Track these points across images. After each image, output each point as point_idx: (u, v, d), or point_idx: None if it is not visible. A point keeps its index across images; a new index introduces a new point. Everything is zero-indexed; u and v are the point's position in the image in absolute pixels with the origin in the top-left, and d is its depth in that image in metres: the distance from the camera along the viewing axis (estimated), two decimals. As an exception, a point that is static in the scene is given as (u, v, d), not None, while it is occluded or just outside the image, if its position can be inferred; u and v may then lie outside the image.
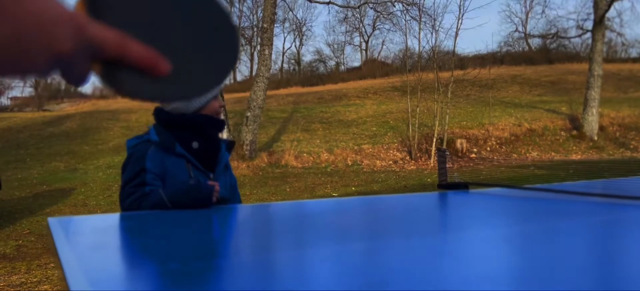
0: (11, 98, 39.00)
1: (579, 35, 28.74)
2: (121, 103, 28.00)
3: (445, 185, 2.03)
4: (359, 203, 1.82)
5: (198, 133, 1.74)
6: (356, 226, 1.40)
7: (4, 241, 5.72)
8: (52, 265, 4.63)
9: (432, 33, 21.31)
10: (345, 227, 1.33)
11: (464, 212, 1.61)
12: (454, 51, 15.46)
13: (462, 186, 1.98)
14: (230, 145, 1.94)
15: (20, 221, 7.17)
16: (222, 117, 1.94)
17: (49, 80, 40.56)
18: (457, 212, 1.64)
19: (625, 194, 1.56)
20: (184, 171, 1.69)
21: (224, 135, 11.11)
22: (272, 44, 12.88)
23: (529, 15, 35.19)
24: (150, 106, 21.38)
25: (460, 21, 15.08)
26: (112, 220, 1.29)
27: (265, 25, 12.85)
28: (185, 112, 1.77)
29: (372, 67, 35.82)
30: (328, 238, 1.13)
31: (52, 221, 1.19)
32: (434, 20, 15.30)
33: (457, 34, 13.58)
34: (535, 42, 34.62)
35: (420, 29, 14.75)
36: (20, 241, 5.74)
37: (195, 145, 1.72)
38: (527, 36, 35.13)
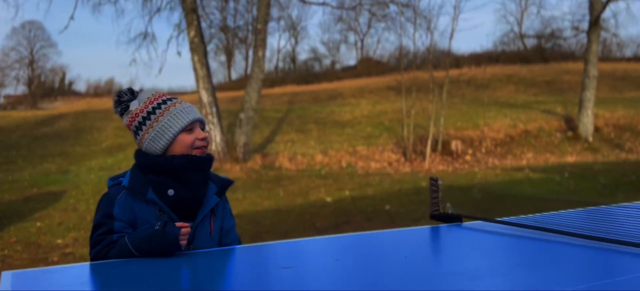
0: (4, 97, 38.69)
1: (575, 36, 28.72)
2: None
3: (438, 216, 1.94)
4: (351, 242, 1.73)
5: (174, 178, 1.50)
6: (348, 269, 1.31)
7: (-10, 251, 5.61)
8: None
9: (427, 34, 21.20)
10: (335, 273, 1.24)
11: (457, 252, 1.52)
12: (449, 52, 15.39)
13: (455, 218, 1.89)
14: (223, 186, 1.64)
15: (8, 227, 7.04)
16: (208, 151, 1.62)
17: (43, 78, 40.28)
18: (450, 253, 1.54)
19: (622, 232, 1.48)
20: (154, 221, 1.48)
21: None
22: (265, 45, 12.78)
23: (524, 14, 35.16)
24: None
25: (455, 22, 15.00)
26: (70, 273, 1.20)
27: (259, 26, 12.73)
28: (156, 153, 1.55)
29: (368, 66, 35.70)
30: (316, 284, 1.04)
31: (6, 277, 1.10)
32: (429, 21, 15.24)
33: (452, 35, 13.48)
34: (530, 42, 34.62)
35: (415, 30, 14.66)
36: (6, 251, 5.63)
37: (170, 192, 1.49)
38: (522, 35, 35.13)
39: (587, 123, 15.48)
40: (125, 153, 14.82)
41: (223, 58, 30.05)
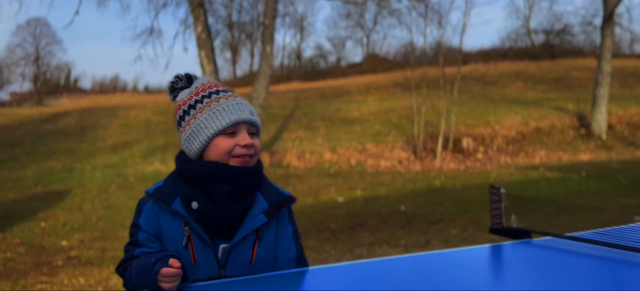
0: (10, 94, 38.65)
1: (587, 32, 28.31)
2: (120, 99, 27.66)
3: (500, 231, 1.68)
4: (406, 266, 1.49)
5: (201, 189, 1.24)
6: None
7: (-8, 253, 5.40)
8: (38, 285, 4.30)
9: (438, 29, 20.88)
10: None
11: (536, 278, 1.26)
12: (460, 47, 15.11)
13: (522, 234, 1.63)
14: (277, 204, 1.31)
15: (12, 228, 6.83)
16: (253, 162, 1.30)
17: (48, 75, 40.22)
18: (529, 280, 1.28)
19: None
20: (181, 236, 1.25)
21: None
22: (273, 41, 12.53)
23: (532, 10, 34.77)
24: (150, 104, 21.08)
25: (467, 17, 14.72)
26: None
27: (266, 21, 12.49)
28: (191, 156, 1.29)
29: (374, 63, 35.49)
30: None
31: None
32: (441, 16, 14.96)
33: (464, 30, 13.22)
34: (537, 38, 34.24)
35: (426, 25, 14.39)
36: (9, 254, 5.41)
37: (194, 205, 1.23)
38: (530, 31, 34.75)
39: (600, 120, 15.18)
40: (131, 150, 14.63)
41: (228, 55, 29.85)
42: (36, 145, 15.95)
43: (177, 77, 1.37)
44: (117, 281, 4.50)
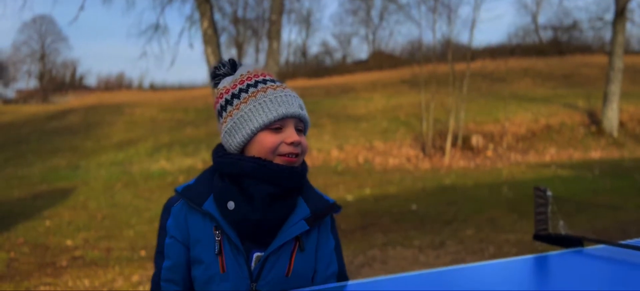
0: (17, 91, 38.72)
1: (597, 28, 27.93)
2: (125, 97, 27.57)
3: (546, 237, 1.51)
4: (447, 278, 1.33)
5: (241, 188, 1.09)
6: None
7: (-5, 254, 5.27)
8: (42, 287, 4.16)
9: (447, 24, 20.61)
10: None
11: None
12: (470, 43, 14.89)
13: (574, 242, 1.46)
14: (320, 212, 1.15)
15: (16, 227, 6.72)
16: (298, 162, 1.16)
17: (54, 73, 40.25)
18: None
19: None
20: (210, 241, 1.09)
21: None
22: (280, 37, 12.38)
23: (541, 6, 34.42)
24: (155, 101, 20.96)
25: (477, 11, 14.52)
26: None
27: (273, 17, 12.32)
28: (231, 151, 1.14)
29: (380, 59, 35.30)
30: None
31: None
32: (451, 10, 14.73)
33: (473, 25, 13.02)
34: (546, 34, 33.90)
35: (435, 20, 14.19)
36: (12, 254, 5.29)
37: (230, 205, 1.08)
38: (538, 27, 34.42)
39: (612, 117, 14.94)
40: (136, 148, 14.52)
41: (234, 51, 29.71)
42: (42, 143, 15.88)
43: (221, 63, 1.23)
44: (122, 283, 4.36)
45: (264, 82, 1.16)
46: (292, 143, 1.11)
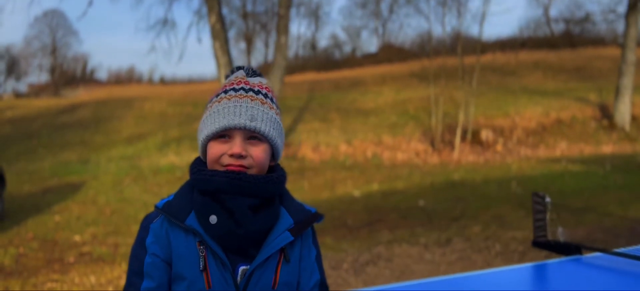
0: (29, 85, 39.07)
1: (610, 21, 27.50)
2: (135, 90, 27.72)
3: (545, 244, 1.49)
4: (447, 288, 1.31)
5: (218, 202, 1.06)
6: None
7: (4, 249, 5.33)
8: (49, 283, 4.20)
9: (457, 17, 20.39)
10: None
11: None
12: (480, 36, 14.76)
13: (571, 249, 1.43)
14: (304, 222, 1.13)
15: (26, 221, 6.78)
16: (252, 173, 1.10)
17: (65, 67, 40.54)
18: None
19: None
20: (194, 257, 1.06)
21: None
22: (288, 31, 12.35)
23: (552, -2, 33.96)
24: (165, 95, 21.06)
25: (487, 4, 14.37)
26: None
27: (281, 11, 12.29)
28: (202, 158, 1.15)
29: (389, 53, 35.11)
30: None
31: None
32: (460, 3, 14.60)
33: (483, 18, 12.88)
34: (557, 27, 33.47)
35: (444, 13, 14.06)
36: (21, 249, 5.34)
37: (212, 219, 1.05)
38: (549, 20, 34.01)
39: (624, 111, 14.75)
40: (146, 142, 14.60)
41: (243, 45, 29.71)
42: (53, 137, 16.02)
43: (234, 69, 1.23)
44: (129, 279, 4.38)
45: (230, 91, 1.14)
46: (232, 155, 1.08)
